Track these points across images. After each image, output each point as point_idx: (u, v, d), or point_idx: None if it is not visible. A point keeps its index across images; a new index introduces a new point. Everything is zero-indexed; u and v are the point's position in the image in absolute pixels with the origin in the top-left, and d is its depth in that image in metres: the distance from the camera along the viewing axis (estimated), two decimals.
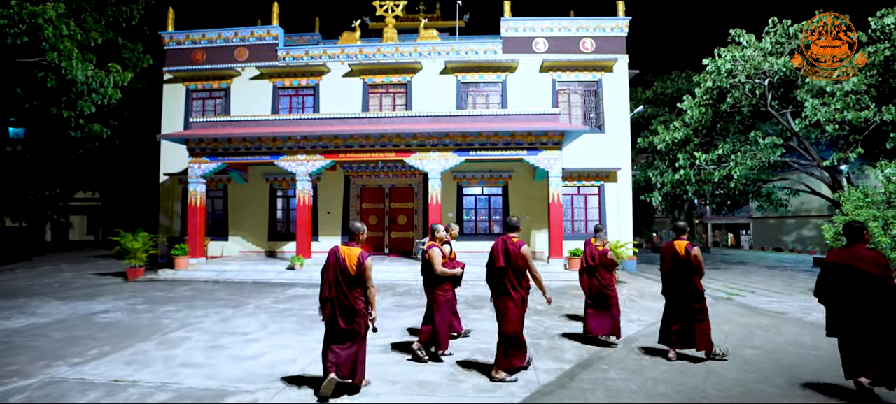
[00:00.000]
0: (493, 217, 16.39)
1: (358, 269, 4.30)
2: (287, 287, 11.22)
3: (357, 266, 4.30)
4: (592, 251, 6.45)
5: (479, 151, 13.49)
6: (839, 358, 4.50)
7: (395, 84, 16.96)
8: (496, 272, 4.88)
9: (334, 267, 4.36)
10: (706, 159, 15.09)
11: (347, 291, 4.31)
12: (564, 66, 16.34)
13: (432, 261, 5.36)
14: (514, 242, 4.83)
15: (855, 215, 10.07)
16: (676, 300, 5.57)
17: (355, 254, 4.33)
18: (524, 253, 4.76)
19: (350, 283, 4.32)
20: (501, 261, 4.81)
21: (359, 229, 4.58)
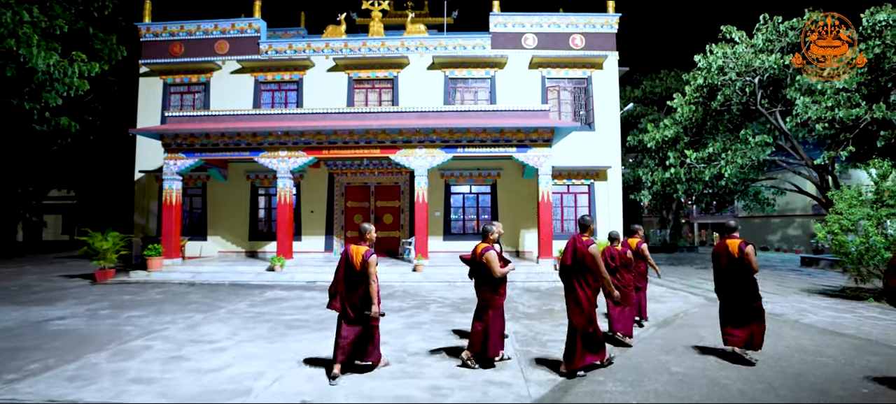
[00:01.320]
0: (482, 216, 16.03)
1: (361, 266, 4.66)
2: (265, 289, 10.71)
3: (361, 262, 4.67)
4: (612, 251, 6.59)
5: (467, 148, 13.11)
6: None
7: (381, 79, 16.50)
8: (565, 269, 5.04)
9: (344, 263, 4.80)
10: (697, 158, 14.91)
11: (353, 286, 4.72)
12: (554, 63, 16.04)
13: (490, 265, 5.02)
14: (583, 241, 4.92)
15: (849, 214, 9.91)
16: (733, 300, 5.53)
17: (361, 252, 4.71)
18: (592, 252, 4.82)
19: (355, 278, 4.71)
20: (569, 259, 4.97)
21: (367, 229, 4.94)
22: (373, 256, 4.70)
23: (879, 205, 10.07)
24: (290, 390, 4.49)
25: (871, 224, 9.63)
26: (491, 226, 5.34)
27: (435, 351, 5.86)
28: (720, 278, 5.67)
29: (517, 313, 8.34)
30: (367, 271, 4.65)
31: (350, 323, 4.75)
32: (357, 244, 4.84)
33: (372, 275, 4.65)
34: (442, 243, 15.54)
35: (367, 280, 4.66)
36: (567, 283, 5.04)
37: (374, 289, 4.66)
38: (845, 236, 9.97)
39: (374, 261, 4.69)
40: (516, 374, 5.00)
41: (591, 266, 4.82)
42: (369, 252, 4.71)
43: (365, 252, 4.71)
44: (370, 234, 4.91)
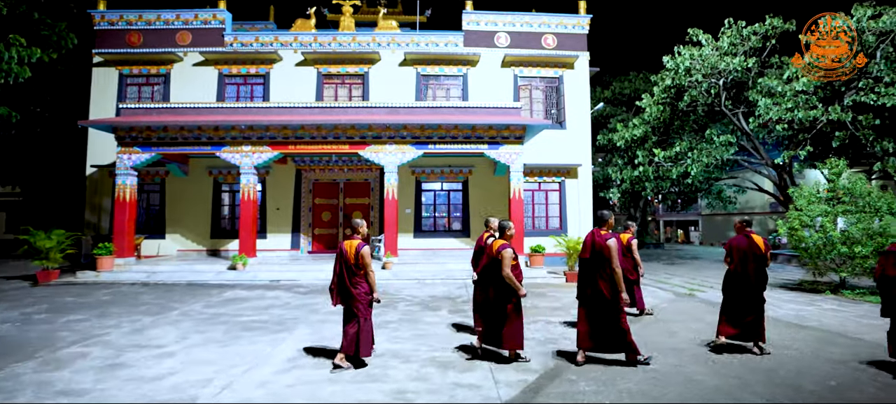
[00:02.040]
0: (453, 213, 15.84)
1: (356, 258, 4.89)
2: (225, 289, 10.20)
3: (355, 255, 4.89)
4: None
5: (439, 145, 12.89)
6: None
7: (352, 74, 16.09)
8: (584, 264, 5.18)
9: (339, 258, 5.00)
10: (664, 156, 15.14)
11: (348, 279, 4.92)
12: (526, 62, 16.00)
13: (503, 261, 4.99)
14: (602, 235, 5.07)
15: (808, 211, 10.18)
16: (747, 294, 5.66)
17: (354, 245, 4.94)
18: (610, 245, 4.96)
19: (350, 271, 4.92)
20: (587, 253, 5.12)
21: (359, 224, 5.18)
22: (365, 248, 4.92)
23: (835, 203, 10.39)
24: (240, 398, 4.16)
25: (829, 220, 9.91)
26: (508, 222, 5.38)
27: (401, 351, 5.61)
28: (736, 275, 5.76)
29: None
30: (361, 262, 4.90)
31: (346, 315, 4.99)
32: (349, 240, 5.06)
33: (368, 265, 4.90)
34: (412, 240, 15.28)
35: (365, 270, 4.92)
36: (588, 279, 5.12)
37: (372, 277, 4.95)
38: (804, 232, 10.24)
39: (367, 252, 4.92)
40: (486, 375, 4.80)
41: (609, 257, 4.95)
42: (362, 244, 4.93)
43: (358, 244, 4.93)
44: (362, 229, 5.16)
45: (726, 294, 5.89)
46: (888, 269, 5.29)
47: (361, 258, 4.88)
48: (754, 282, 5.65)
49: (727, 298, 5.86)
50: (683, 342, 6.12)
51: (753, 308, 5.63)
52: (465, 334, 6.57)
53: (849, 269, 9.79)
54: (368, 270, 4.92)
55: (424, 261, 12.94)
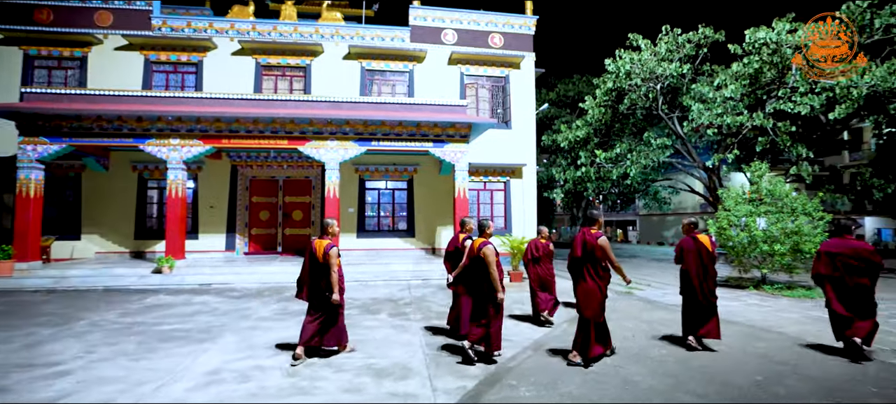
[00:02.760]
0: (398, 213, 15.53)
1: (324, 257, 5.10)
2: (147, 294, 9.36)
3: (323, 254, 5.11)
4: (537, 243, 7.48)
5: (383, 142, 12.54)
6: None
7: (293, 67, 15.38)
8: (575, 261, 5.27)
9: (308, 257, 5.23)
10: (605, 157, 15.61)
11: (317, 277, 5.17)
12: (473, 60, 15.95)
13: (487, 260, 5.04)
14: (593, 233, 5.19)
15: (736, 211, 10.76)
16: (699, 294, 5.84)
17: (324, 245, 5.15)
18: (602, 244, 5.09)
19: (318, 270, 5.15)
20: (579, 251, 5.22)
21: (329, 224, 5.41)
22: (334, 249, 5.14)
23: (758, 203, 11.06)
24: None
25: (752, 220, 10.53)
26: (487, 221, 5.51)
27: (334, 359, 5.28)
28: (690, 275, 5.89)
29: (430, 313, 7.97)
30: (327, 262, 5.09)
31: (315, 310, 5.20)
32: (320, 239, 5.27)
33: (333, 265, 5.09)
34: (356, 240, 14.83)
35: (329, 270, 5.09)
36: (577, 276, 5.26)
37: (334, 277, 5.10)
38: (731, 231, 10.84)
39: (335, 252, 5.13)
40: (423, 383, 4.59)
41: (602, 256, 5.10)
42: (331, 245, 5.15)
43: (327, 245, 5.15)
44: (332, 229, 5.39)
45: (686, 295, 6.02)
46: (821, 268, 5.76)
47: (328, 258, 5.09)
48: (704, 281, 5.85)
49: (687, 299, 5.99)
50: (622, 341, 6.19)
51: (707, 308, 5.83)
52: (406, 336, 6.34)
53: (769, 266, 10.45)
54: (332, 271, 5.08)
55: (368, 262, 12.56)
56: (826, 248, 5.78)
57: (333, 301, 5.09)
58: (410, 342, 6.09)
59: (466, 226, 6.14)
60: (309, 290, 5.27)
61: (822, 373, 4.98)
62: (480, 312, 5.17)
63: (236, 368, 4.94)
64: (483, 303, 5.13)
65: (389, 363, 5.20)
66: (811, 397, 4.34)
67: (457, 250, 6.08)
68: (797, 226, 10.11)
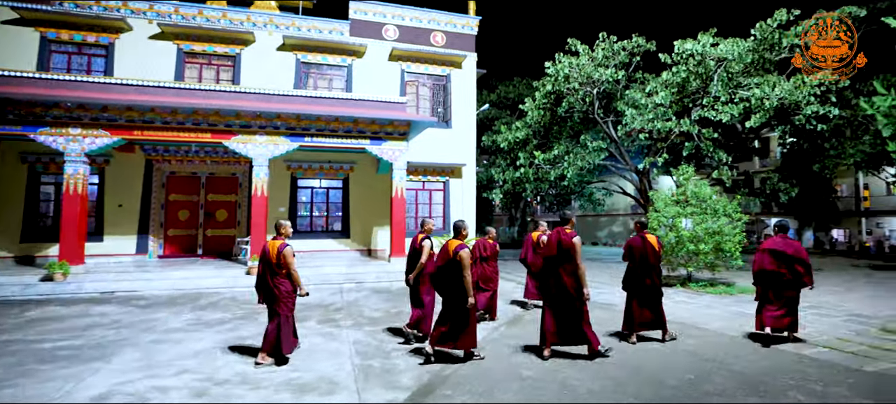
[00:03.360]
0: (333, 213, 14.84)
1: (277, 258, 5.06)
2: (31, 306, 8.12)
3: (277, 255, 5.06)
4: (484, 243, 7.57)
5: (317, 138, 11.85)
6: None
7: (221, 55, 14.26)
8: (550, 260, 5.35)
9: (263, 258, 5.18)
10: (544, 159, 15.82)
11: (270, 278, 5.10)
12: (414, 57, 15.60)
13: (464, 263, 4.99)
14: (567, 233, 5.32)
15: (665, 212, 11.18)
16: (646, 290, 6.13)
17: (277, 246, 5.13)
18: (575, 243, 5.21)
19: (272, 271, 5.09)
20: (554, 250, 5.32)
21: (282, 224, 5.44)
22: (288, 248, 5.13)
23: (685, 205, 11.58)
24: None
25: (679, 220, 11.00)
26: (463, 222, 5.49)
27: (253, 375, 4.72)
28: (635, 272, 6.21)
29: (362, 318, 7.53)
30: (282, 262, 5.07)
31: (271, 314, 5.15)
32: (274, 240, 5.25)
33: (289, 264, 5.09)
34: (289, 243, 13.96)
35: (286, 270, 5.08)
36: (552, 275, 5.32)
37: (295, 274, 5.14)
38: (660, 231, 11.26)
39: (289, 251, 5.12)
40: (351, 397, 4.18)
41: (574, 255, 5.17)
42: (284, 245, 5.14)
43: (280, 245, 5.13)
44: (285, 229, 5.41)
45: (629, 290, 6.31)
46: (766, 264, 6.18)
47: (283, 257, 5.05)
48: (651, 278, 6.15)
49: (631, 295, 6.27)
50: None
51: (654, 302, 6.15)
52: (334, 345, 5.87)
53: (694, 264, 10.94)
54: (290, 269, 5.09)
55: (298, 265, 11.80)
56: (768, 247, 6.26)
57: (302, 294, 5.23)
58: (339, 351, 5.63)
59: (426, 227, 6.18)
60: (264, 294, 5.18)
61: (745, 368, 5.11)
62: (450, 314, 5.13)
63: (131, 391, 4.26)
64: (455, 306, 5.08)
65: (314, 377, 4.73)
66: (738, 392, 4.41)
67: (415, 251, 6.04)
68: (719, 227, 10.66)
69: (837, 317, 8.00)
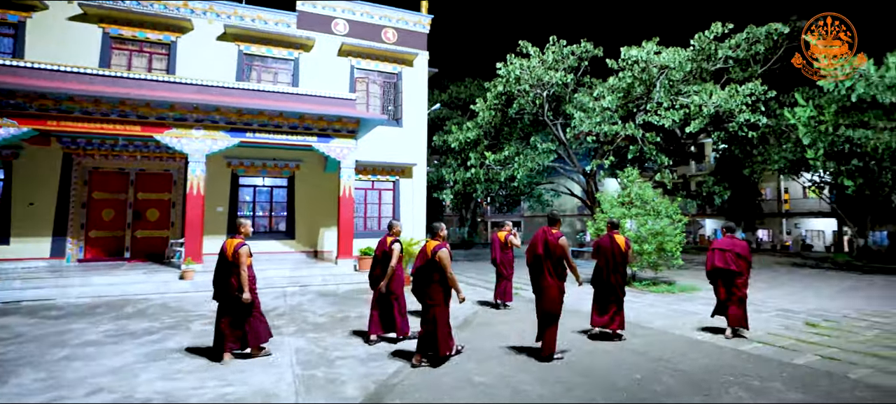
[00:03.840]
0: (277, 213, 14.15)
1: (233, 256, 5.05)
2: None
3: (233, 253, 5.06)
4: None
5: (259, 134, 11.21)
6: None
7: (154, 42, 13.19)
8: (536, 259, 5.42)
9: (221, 256, 5.19)
10: (494, 159, 15.87)
11: (227, 276, 5.09)
12: (365, 54, 15.16)
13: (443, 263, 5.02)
14: (554, 233, 5.41)
15: (611, 213, 11.46)
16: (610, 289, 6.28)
17: (234, 244, 5.12)
18: (562, 244, 5.31)
19: (227, 269, 5.09)
20: (541, 249, 5.38)
21: (242, 223, 5.44)
22: (244, 248, 5.12)
23: (629, 206, 11.94)
24: None
25: (625, 221, 11.31)
26: (440, 225, 5.44)
27: (175, 391, 4.26)
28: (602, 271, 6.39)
29: (306, 324, 7.12)
30: (236, 261, 5.05)
31: (226, 313, 5.15)
32: (232, 238, 5.25)
33: (242, 264, 5.05)
34: None
35: (237, 270, 5.05)
36: (537, 273, 5.42)
37: (243, 276, 5.05)
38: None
39: (244, 251, 5.10)
40: None
41: (562, 255, 5.30)
42: (241, 244, 5.13)
43: (237, 244, 5.13)
44: (245, 228, 5.41)
45: (596, 287, 6.48)
46: (716, 262, 6.73)
47: (237, 257, 5.04)
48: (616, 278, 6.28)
49: (597, 291, 6.45)
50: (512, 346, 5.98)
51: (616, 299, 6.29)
52: (275, 355, 5.46)
53: (638, 264, 11.29)
54: (241, 269, 5.03)
55: None
56: (718, 246, 6.85)
57: (244, 299, 5.03)
58: (279, 362, 5.24)
59: (394, 229, 6.16)
60: (218, 291, 5.20)
61: (689, 367, 5.22)
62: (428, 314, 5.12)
63: None
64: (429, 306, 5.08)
65: (250, 390, 4.35)
66: (684, 392, 4.47)
67: (385, 254, 6.01)
68: (661, 228, 11.06)
69: (767, 313, 8.46)
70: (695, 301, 9.75)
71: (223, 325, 5.11)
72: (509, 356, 5.58)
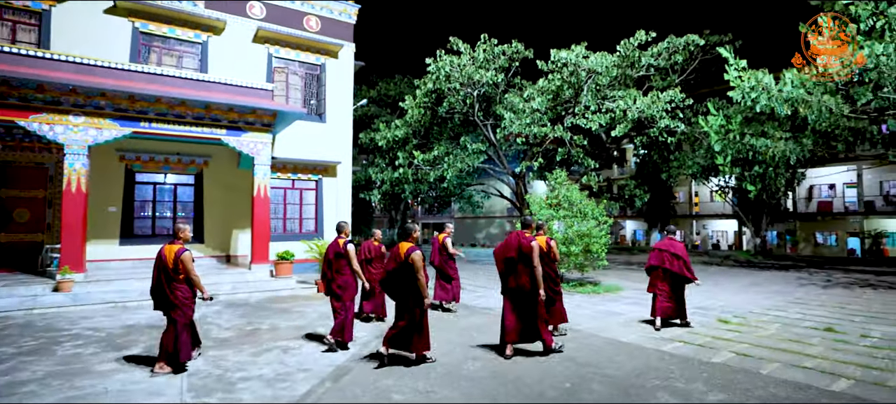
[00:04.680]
0: (184, 214, 12.69)
1: (174, 263, 4.89)
2: None
3: (174, 260, 4.89)
4: (369, 246, 7.79)
5: (157, 124, 9.90)
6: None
7: (21, 11, 11.22)
8: (509, 262, 5.52)
9: (157, 264, 4.99)
10: (423, 159, 15.41)
11: (166, 284, 4.90)
12: (284, 41, 14.08)
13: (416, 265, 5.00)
14: (527, 237, 5.49)
15: (540, 215, 11.40)
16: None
17: (174, 250, 4.94)
18: (534, 247, 5.37)
19: (169, 277, 4.91)
20: (513, 252, 5.47)
21: (181, 229, 5.17)
22: (186, 253, 4.94)
23: (558, 208, 11.96)
24: None
25: (552, 222, 11.30)
26: (413, 225, 5.47)
27: None
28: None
29: (208, 339, 6.21)
30: (181, 268, 4.88)
31: (168, 321, 4.93)
32: (171, 244, 5.01)
33: (189, 270, 4.90)
34: (118, 248, 11.54)
35: (187, 275, 4.90)
36: (513, 276, 5.51)
37: (196, 280, 4.94)
38: None
39: (187, 256, 4.93)
40: None
41: (530, 257, 5.36)
42: (182, 249, 4.94)
43: (177, 250, 4.93)
44: (184, 233, 5.16)
45: None
46: (653, 260, 7.15)
47: (181, 263, 4.89)
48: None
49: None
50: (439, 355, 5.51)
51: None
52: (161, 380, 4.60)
53: (566, 266, 11.32)
54: (190, 274, 4.93)
55: (133, 276, 9.77)
56: (658, 246, 7.30)
57: (206, 298, 5.07)
58: (165, 388, 4.39)
59: (344, 231, 6.18)
60: (160, 301, 5.01)
61: (617, 372, 5.05)
62: (404, 318, 5.13)
63: None
64: (408, 309, 5.09)
65: None
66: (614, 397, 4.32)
67: (337, 255, 5.93)
68: (588, 229, 11.16)
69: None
70: (619, 301, 9.87)
71: (166, 340, 4.87)
72: (435, 368, 5.09)
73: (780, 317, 8.12)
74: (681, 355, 5.74)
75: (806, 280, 13.76)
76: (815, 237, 29.10)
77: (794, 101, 10.96)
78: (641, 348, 6.08)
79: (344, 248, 5.83)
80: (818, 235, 29.16)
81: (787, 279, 14.06)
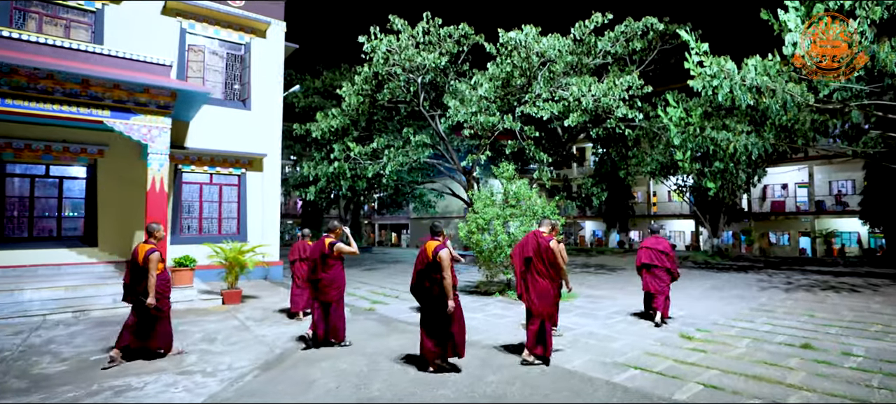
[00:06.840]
0: (75, 213, 10.76)
1: (144, 262, 5.09)
2: None
3: (144, 259, 5.10)
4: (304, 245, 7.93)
5: (18, 102, 8.04)
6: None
7: None
8: (525, 261, 5.43)
9: (130, 262, 5.27)
10: (361, 152, 13.92)
11: (137, 280, 5.16)
12: (200, 15, 12.32)
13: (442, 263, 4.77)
14: (545, 236, 5.42)
15: (483, 213, 10.17)
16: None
17: (145, 249, 5.15)
18: (553, 247, 5.35)
19: (138, 275, 5.16)
20: (530, 252, 5.38)
21: (155, 229, 5.39)
22: (155, 253, 5.12)
23: (506, 206, 10.76)
24: None
25: (499, 223, 10.07)
26: (439, 225, 5.34)
27: None
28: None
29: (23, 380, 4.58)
30: (147, 267, 5.07)
31: (133, 314, 5.18)
32: (145, 243, 5.22)
33: (152, 270, 5.05)
34: None
35: (147, 274, 5.07)
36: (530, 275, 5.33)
37: (151, 281, 5.06)
38: (480, 234, 10.21)
39: (155, 257, 5.10)
40: None
41: (552, 258, 5.29)
42: (153, 249, 5.15)
43: (148, 249, 5.14)
44: (157, 232, 5.38)
45: None
46: (643, 259, 7.57)
47: (147, 262, 5.04)
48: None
49: None
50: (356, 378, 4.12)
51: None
52: None
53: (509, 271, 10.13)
54: (151, 274, 5.04)
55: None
56: (645, 245, 7.66)
57: (148, 304, 5.03)
58: None
59: (337, 232, 6.05)
60: (128, 293, 5.23)
61: None
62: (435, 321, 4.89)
63: None
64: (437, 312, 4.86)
65: None
66: None
67: (322, 256, 5.87)
68: None
69: (644, 323, 7.63)
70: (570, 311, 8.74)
71: (126, 330, 5.14)
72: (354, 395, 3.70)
73: (749, 330, 7.15)
74: (634, 388, 4.58)
75: (766, 283, 13.12)
76: (768, 236, 29.36)
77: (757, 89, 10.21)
78: (588, 378, 4.88)
79: (329, 248, 5.85)
80: (772, 235, 29.43)
81: (747, 281, 13.39)
